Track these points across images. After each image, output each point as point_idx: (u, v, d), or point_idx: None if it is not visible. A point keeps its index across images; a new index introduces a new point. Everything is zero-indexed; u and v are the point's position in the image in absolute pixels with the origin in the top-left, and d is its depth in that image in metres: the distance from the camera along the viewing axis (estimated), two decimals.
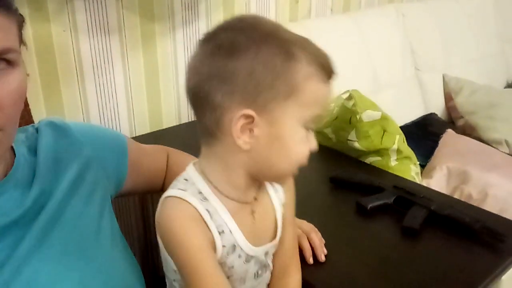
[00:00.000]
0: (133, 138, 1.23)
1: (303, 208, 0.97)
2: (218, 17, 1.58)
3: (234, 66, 0.57)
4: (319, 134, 1.34)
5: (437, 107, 2.09)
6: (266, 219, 0.70)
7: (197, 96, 0.61)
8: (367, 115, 1.19)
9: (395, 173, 1.18)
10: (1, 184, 0.65)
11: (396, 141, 1.21)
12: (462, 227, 0.91)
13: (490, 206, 1.27)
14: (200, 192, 0.63)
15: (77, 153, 0.75)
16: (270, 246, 0.71)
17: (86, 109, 1.35)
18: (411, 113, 1.95)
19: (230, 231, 0.63)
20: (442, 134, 1.73)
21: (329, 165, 0.99)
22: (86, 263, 0.66)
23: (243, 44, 0.57)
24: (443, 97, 2.11)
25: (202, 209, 0.61)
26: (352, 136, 1.21)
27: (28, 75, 0.65)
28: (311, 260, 0.83)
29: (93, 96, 1.35)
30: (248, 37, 0.58)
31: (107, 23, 1.32)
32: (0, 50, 0.58)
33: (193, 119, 1.20)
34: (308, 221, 0.89)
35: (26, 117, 0.91)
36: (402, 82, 1.98)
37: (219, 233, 0.62)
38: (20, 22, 0.63)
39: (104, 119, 1.39)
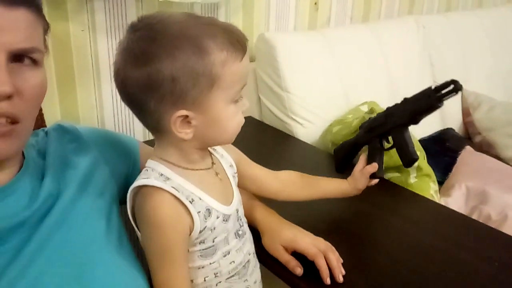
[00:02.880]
0: (146, 141, 1.22)
1: (317, 224, 0.96)
2: (237, 22, 1.57)
3: (156, 76, 0.62)
4: (336, 146, 1.32)
5: (455, 122, 2.04)
6: (226, 179, 0.79)
7: (133, 105, 0.68)
8: None
9: (414, 190, 1.15)
10: (9, 185, 0.65)
11: None
12: (429, 110, 0.93)
13: (510, 227, 1.23)
14: (162, 174, 0.69)
15: (85, 156, 0.76)
16: (237, 203, 0.78)
17: (101, 110, 1.33)
18: (428, 127, 1.92)
19: (200, 198, 0.70)
20: (460, 150, 1.69)
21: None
22: (92, 265, 0.66)
23: (157, 53, 0.62)
24: (460, 112, 2.07)
25: (168, 188, 0.67)
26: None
27: None
28: (328, 281, 0.80)
29: (108, 97, 1.33)
30: (160, 45, 0.63)
31: (126, 24, 1.29)
32: (29, 48, 0.61)
33: None
34: (325, 239, 0.86)
35: (39, 121, 0.91)
36: None
37: (190, 202, 0.68)
38: (46, 28, 0.66)
39: (118, 120, 1.37)
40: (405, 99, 0.98)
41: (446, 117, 2.03)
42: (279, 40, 1.49)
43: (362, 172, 0.94)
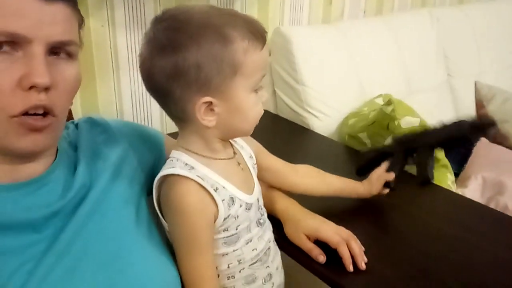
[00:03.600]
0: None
1: (338, 214, 0.97)
2: (253, 15, 1.57)
3: (182, 64, 0.65)
4: (353, 138, 1.33)
5: (468, 114, 2.05)
6: (247, 169, 0.81)
7: (159, 94, 0.70)
8: (406, 121, 1.17)
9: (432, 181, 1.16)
10: (44, 175, 0.67)
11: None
12: (461, 140, 0.96)
13: None
14: (186, 164, 0.71)
15: (116, 147, 0.78)
16: (258, 192, 0.80)
17: (120, 104, 1.36)
18: (442, 119, 1.92)
19: (223, 186, 0.72)
20: (474, 142, 1.70)
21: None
22: (125, 252, 0.68)
23: (183, 41, 0.65)
24: (474, 104, 2.07)
25: (193, 176, 0.69)
26: (388, 141, 1.19)
27: None
28: (351, 268, 0.82)
29: (127, 92, 1.36)
30: (186, 34, 0.65)
31: (145, 19, 1.32)
32: (66, 41, 0.62)
33: None
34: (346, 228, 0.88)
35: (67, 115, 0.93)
36: (434, 88, 1.94)
37: (215, 190, 0.70)
38: (80, 22, 0.67)
39: (136, 114, 1.40)
40: (443, 124, 1.01)
41: (460, 109, 2.04)
42: (294, 34, 1.51)
43: (379, 178, 0.97)
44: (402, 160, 1.02)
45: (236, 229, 0.74)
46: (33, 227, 0.63)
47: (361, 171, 1.16)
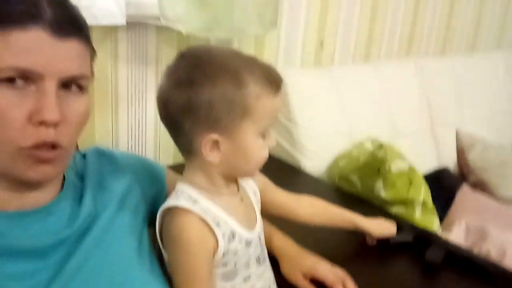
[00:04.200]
0: None
1: (332, 254, 1.00)
2: None
3: (195, 100, 0.68)
4: (344, 180, 1.37)
5: (450, 161, 2.11)
6: (250, 205, 0.82)
7: (170, 124, 0.74)
8: (396, 166, 1.22)
9: (419, 224, 1.20)
10: (51, 204, 0.68)
11: (422, 193, 1.23)
12: (478, 269, 0.95)
13: (509, 264, 1.28)
14: (191, 197, 0.73)
15: (121, 178, 0.79)
16: (259, 229, 0.81)
17: (116, 135, 1.37)
18: (424, 165, 1.97)
19: (225, 221, 0.73)
20: (456, 188, 1.75)
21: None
22: (129, 284, 0.68)
23: (200, 79, 0.68)
24: (455, 151, 2.14)
25: (196, 209, 0.71)
26: (379, 185, 1.23)
27: None
28: None
29: (124, 124, 1.38)
30: (203, 73, 0.68)
31: (146, 54, 1.36)
32: (78, 75, 0.63)
33: None
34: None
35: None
36: (417, 134, 2.01)
37: (216, 224, 0.71)
38: (92, 55, 0.69)
39: (131, 147, 1.41)
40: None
41: (441, 156, 2.10)
42: (289, 76, 1.55)
43: (390, 225, 1.03)
44: (407, 237, 1.05)
45: (235, 265, 0.75)
46: (40, 254, 0.64)
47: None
